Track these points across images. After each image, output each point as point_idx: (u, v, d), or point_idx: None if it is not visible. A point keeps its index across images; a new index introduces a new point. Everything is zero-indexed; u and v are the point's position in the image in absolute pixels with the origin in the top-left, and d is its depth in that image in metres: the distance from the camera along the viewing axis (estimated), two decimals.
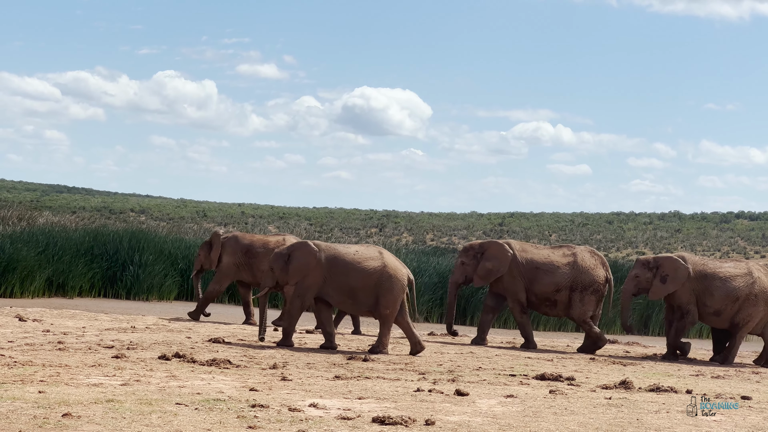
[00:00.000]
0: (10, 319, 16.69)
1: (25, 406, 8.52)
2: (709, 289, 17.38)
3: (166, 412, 8.61)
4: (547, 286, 18.03)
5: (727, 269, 17.59)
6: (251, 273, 19.45)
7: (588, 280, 18.06)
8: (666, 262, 17.67)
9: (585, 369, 14.54)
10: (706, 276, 17.47)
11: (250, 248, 19.49)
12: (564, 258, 18.20)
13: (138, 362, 12.02)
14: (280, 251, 15.64)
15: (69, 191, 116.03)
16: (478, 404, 10.18)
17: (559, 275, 18.03)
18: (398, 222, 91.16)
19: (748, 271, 17.54)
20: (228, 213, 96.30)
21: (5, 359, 11.55)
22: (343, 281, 15.20)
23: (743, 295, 17.28)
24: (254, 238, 19.84)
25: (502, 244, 18.28)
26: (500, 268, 18.03)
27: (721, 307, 17.35)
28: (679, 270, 17.45)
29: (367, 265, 15.21)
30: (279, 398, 9.76)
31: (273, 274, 15.49)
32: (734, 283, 17.36)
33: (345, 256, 15.26)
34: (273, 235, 20.45)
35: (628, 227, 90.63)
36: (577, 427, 9.11)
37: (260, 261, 19.21)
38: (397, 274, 15.27)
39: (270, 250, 19.22)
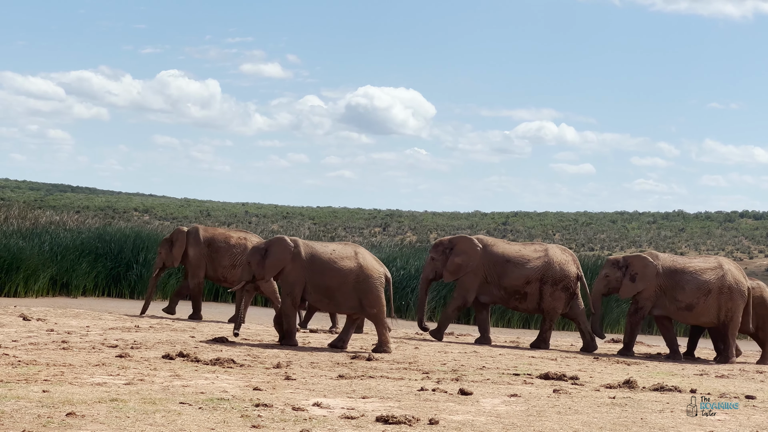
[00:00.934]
0: (14, 318, 16.71)
1: (29, 405, 8.53)
2: (679, 284, 17.43)
3: (170, 411, 8.62)
4: (517, 279, 18.06)
5: (697, 264, 17.70)
6: (212, 267, 19.40)
7: (559, 275, 18.11)
8: (635, 260, 17.76)
9: (589, 368, 14.53)
10: (676, 271, 17.52)
11: (212, 241, 19.41)
12: (535, 253, 18.27)
13: (142, 361, 12.03)
14: (257, 245, 15.74)
15: (73, 190, 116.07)
16: (482, 403, 10.18)
17: (529, 268, 18.06)
18: (402, 221, 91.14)
19: (718, 265, 17.64)
20: (231, 212, 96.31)
21: (9, 358, 11.56)
22: (320, 280, 15.24)
23: (715, 288, 17.34)
24: (216, 232, 19.76)
25: (471, 239, 18.32)
26: (470, 263, 18.06)
27: (693, 301, 17.40)
28: (647, 268, 17.51)
29: (343, 265, 15.23)
30: (283, 397, 9.77)
31: (250, 268, 15.56)
32: (705, 276, 17.43)
33: (322, 255, 15.30)
34: (235, 230, 20.39)
35: (632, 226, 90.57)
36: (581, 426, 9.10)
37: (221, 255, 19.25)
38: (374, 273, 15.30)
39: (231, 245, 19.30)
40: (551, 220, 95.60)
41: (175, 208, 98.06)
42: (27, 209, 38.53)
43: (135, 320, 17.74)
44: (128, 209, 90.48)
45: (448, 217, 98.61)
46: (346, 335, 15.47)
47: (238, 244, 19.38)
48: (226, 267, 19.32)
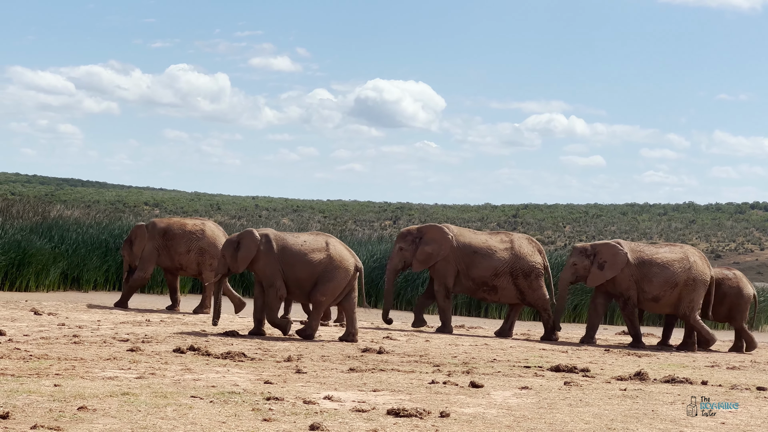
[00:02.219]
0: (26, 312, 16.74)
1: (41, 399, 8.54)
2: (647, 276, 17.49)
3: (181, 405, 8.63)
4: (485, 270, 18.06)
5: (664, 255, 17.70)
6: (169, 256, 19.32)
7: (527, 266, 18.14)
8: (603, 248, 17.74)
9: (600, 360, 14.52)
10: (644, 262, 17.56)
11: (167, 231, 19.31)
12: (502, 244, 18.26)
13: (153, 355, 12.04)
14: (231, 238, 15.79)
15: (83, 185, 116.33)
16: (493, 396, 10.17)
17: (496, 260, 18.06)
18: (412, 214, 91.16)
19: (684, 256, 17.68)
20: (242, 206, 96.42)
21: (21, 353, 11.58)
22: (291, 271, 15.31)
23: (681, 281, 17.41)
24: (171, 221, 19.67)
25: (442, 227, 18.30)
26: (440, 252, 18.03)
27: (660, 293, 17.49)
28: (617, 256, 17.51)
29: (313, 257, 15.29)
30: (294, 391, 9.77)
31: (225, 261, 15.65)
32: (672, 268, 17.48)
33: (293, 247, 15.37)
34: (191, 218, 20.28)
35: (643, 218, 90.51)
36: (592, 418, 9.09)
37: (177, 243, 19.19)
38: (343, 263, 15.34)
39: (187, 232, 19.23)
40: (561, 213, 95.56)
41: (185, 202, 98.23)
42: (37, 204, 38.59)
43: (146, 314, 17.77)
44: (138, 203, 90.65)
45: (459, 210, 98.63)
46: (352, 327, 15.47)
47: (194, 230, 19.29)
48: (182, 253, 19.21)
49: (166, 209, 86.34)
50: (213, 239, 19.25)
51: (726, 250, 72.19)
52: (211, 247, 19.17)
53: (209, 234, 19.31)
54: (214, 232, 19.43)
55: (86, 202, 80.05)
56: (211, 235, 19.31)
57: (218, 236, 19.34)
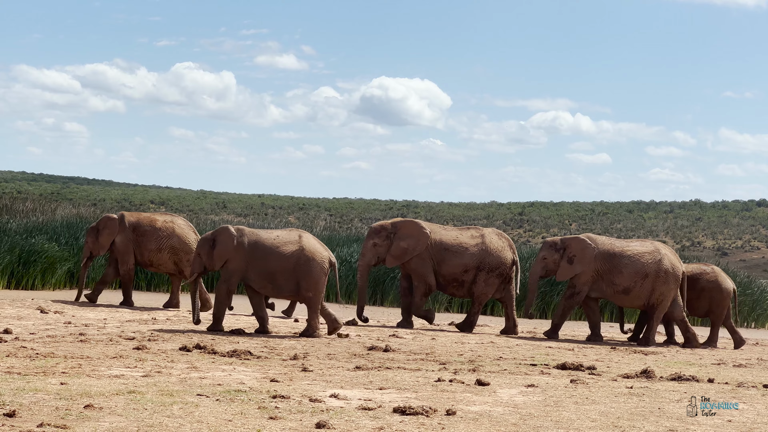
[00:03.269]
0: (32, 311, 16.76)
1: (48, 397, 8.55)
2: (617, 267, 17.48)
3: (188, 403, 8.63)
4: (456, 267, 18.07)
5: (634, 247, 17.73)
6: (139, 251, 19.26)
7: (495, 261, 18.14)
8: (573, 242, 17.76)
9: (606, 358, 14.51)
10: (614, 255, 17.56)
11: (137, 226, 19.27)
12: (472, 239, 18.24)
13: (159, 354, 12.05)
14: (205, 236, 15.80)
15: (89, 183, 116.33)
16: (499, 394, 10.17)
17: (467, 256, 18.07)
18: (418, 212, 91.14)
19: (655, 249, 17.71)
20: (248, 204, 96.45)
21: (27, 351, 11.59)
22: (263, 266, 15.34)
23: (652, 272, 17.40)
24: (141, 217, 19.58)
25: (418, 222, 18.28)
26: (417, 247, 17.97)
27: (630, 285, 17.47)
28: (586, 250, 17.53)
29: (285, 250, 15.32)
30: (300, 389, 9.77)
31: (201, 260, 15.68)
32: (642, 260, 17.48)
33: (265, 241, 15.40)
34: (161, 213, 20.18)
35: (649, 216, 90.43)
36: (599, 416, 9.09)
37: (147, 240, 19.15)
38: (316, 257, 15.37)
39: (157, 229, 19.18)
40: (567, 210, 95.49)
41: (191, 200, 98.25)
42: (44, 202, 38.61)
43: (152, 313, 17.78)
44: (144, 201, 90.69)
45: (465, 208, 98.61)
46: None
47: (164, 227, 19.24)
48: (152, 251, 19.17)
49: (172, 207, 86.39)
50: (183, 237, 19.27)
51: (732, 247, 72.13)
52: (182, 245, 19.18)
53: (179, 232, 19.29)
54: (184, 229, 19.43)
55: (92, 200, 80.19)
56: (181, 233, 19.31)
57: (188, 233, 19.38)
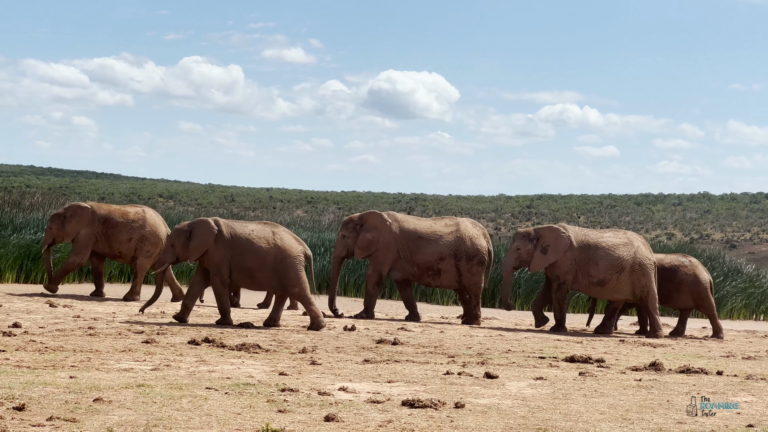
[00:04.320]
0: (41, 305, 16.78)
1: (57, 391, 8.57)
2: (593, 259, 17.51)
3: (197, 396, 8.65)
4: (430, 255, 18.16)
5: (609, 239, 17.75)
6: (108, 244, 19.18)
7: (472, 249, 18.24)
8: (546, 232, 17.77)
9: (614, 351, 14.50)
10: (589, 246, 17.59)
11: (108, 219, 19.18)
12: (446, 228, 18.38)
13: (168, 347, 12.07)
14: (181, 228, 15.78)
15: (97, 177, 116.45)
16: (508, 387, 10.17)
17: (441, 244, 18.18)
18: (426, 205, 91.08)
19: (628, 241, 17.76)
20: (256, 197, 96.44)
21: (36, 345, 11.61)
22: (239, 260, 15.37)
23: (628, 265, 17.43)
24: (111, 208, 19.53)
25: (381, 214, 18.40)
26: (380, 238, 18.12)
27: (606, 277, 17.50)
28: (560, 240, 17.53)
29: (261, 246, 15.35)
30: (308, 382, 9.78)
31: (173, 250, 15.69)
32: (618, 252, 17.50)
33: (241, 236, 15.42)
34: (131, 205, 20.16)
35: (657, 209, 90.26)
36: (607, 409, 9.09)
37: (119, 232, 19.09)
38: (292, 251, 15.41)
39: (128, 220, 19.13)
40: (576, 203, 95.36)
41: (199, 193, 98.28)
42: (52, 196, 38.65)
43: (161, 306, 17.79)
44: (153, 195, 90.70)
45: (473, 201, 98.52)
46: (277, 314, 15.64)
47: (136, 219, 19.21)
48: (123, 242, 19.10)
49: (180, 201, 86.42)
50: (154, 227, 19.26)
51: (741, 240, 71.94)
52: (151, 235, 19.18)
53: (150, 222, 19.29)
54: (155, 219, 19.44)
55: (101, 194, 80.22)
56: (152, 223, 19.30)
57: (158, 224, 19.40)
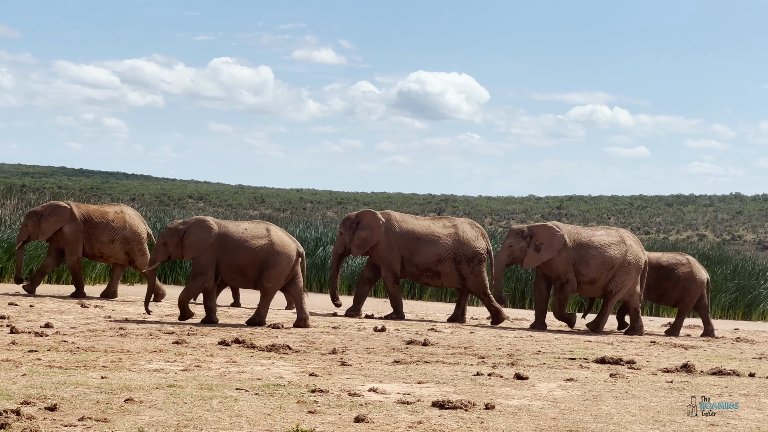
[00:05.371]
0: (73, 305, 16.86)
1: (88, 391, 8.60)
2: (585, 258, 17.49)
3: (227, 397, 8.66)
4: (429, 256, 18.19)
5: (601, 237, 17.71)
6: (89, 244, 19.05)
7: (470, 251, 18.25)
8: (540, 230, 17.74)
9: (646, 352, 14.44)
10: (582, 245, 17.56)
11: (88, 219, 19.06)
12: (445, 229, 18.40)
13: (198, 348, 12.10)
14: (174, 227, 15.75)
15: (128, 178, 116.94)
16: (538, 388, 10.14)
17: (440, 246, 18.20)
18: (456, 206, 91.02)
19: (621, 239, 17.71)
20: (286, 198, 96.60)
21: (68, 345, 11.66)
22: (232, 258, 15.39)
23: (618, 264, 17.42)
24: (90, 209, 19.40)
25: (374, 212, 18.48)
26: (374, 237, 18.17)
27: (597, 276, 17.51)
28: (554, 238, 17.49)
29: (254, 243, 15.39)
30: (339, 383, 9.78)
31: (166, 249, 15.66)
32: (609, 251, 17.49)
33: (234, 234, 15.44)
34: (109, 205, 20.10)
35: (688, 209, 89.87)
36: (638, 410, 9.05)
37: (99, 232, 18.99)
38: (285, 249, 15.44)
39: (108, 220, 19.04)
40: (606, 204, 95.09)
41: (229, 194, 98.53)
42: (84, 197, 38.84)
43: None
44: (183, 196, 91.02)
45: (503, 202, 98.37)
46: (303, 312, 15.60)
47: (116, 219, 19.16)
48: (104, 243, 19.02)
49: (210, 202, 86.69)
50: (134, 227, 19.23)
51: None
52: (134, 235, 19.14)
53: (130, 222, 19.24)
54: (134, 219, 19.40)
55: (131, 195, 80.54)
56: (132, 222, 19.26)
57: (138, 223, 19.37)
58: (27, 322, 14.00)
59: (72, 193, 43.57)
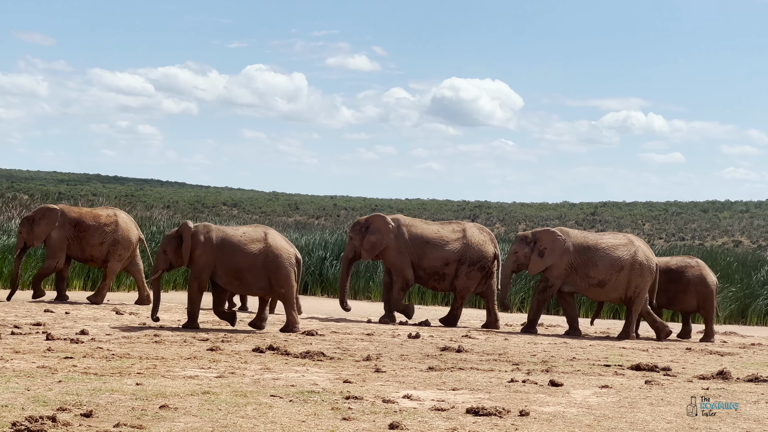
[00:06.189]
0: (108, 312, 16.95)
1: (124, 398, 8.64)
2: (592, 260, 17.38)
3: (261, 404, 8.67)
4: (437, 260, 18.24)
5: (608, 240, 17.63)
6: (80, 247, 19.02)
7: (476, 255, 18.27)
8: (543, 235, 17.71)
9: (681, 359, 14.36)
10: (588, 248, 17.46)
11: (79, 222, 19.03)
12: (453, 233, 18.41)
13: (233, 355, 12.12)
14: (171, 234, 15.76)
15: (162, 185, 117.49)
16: (573, 395, 10.10)
17: (448, 250, 18.20)
18: (491, 212, 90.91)
19: (629, 241, 17.62)
20: (320, 205, 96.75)
21: (103, 352, 11.72)
22: (230, 263, 15.35)
23: (627, 265, 17.29)
24: (82, 212, 19.40)
25: (384, 216, 18.53)
26: (383, 241, 18.23)
27: (606, 277, 17.37)
28: (556, 242, 17.44)
29: (252, 247, 15.35)
30: (373, 390, 9.78)
31: (166, 257, 15.65)
32: (617, 252, 17.37)
33: (232, 238, 15.42)
34: (102, 208, 20.10)
35: (724, 216, 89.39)
36: (674, 417, 9.00)
37: (91, 235, 18.98)
38: (282, 253, 15.43)
39: (100, 224, 19.02)
40: (640, 210, 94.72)
41: (263, 201, 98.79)
42: (118, 204, 39.03)
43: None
44: (217, 203, 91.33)
45: (537, 208, 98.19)
46: (262, 314, 15.66)
47: (108, 222, 19.14)
48: (95, 245, 18.99)
49: (244, 209, 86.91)
50: (126, 231, 19.23)
51: None
52: (124, 239, 19.14)
53: (122, 225, 19.24)
54: (127, 223, 19.40)
55: (165, 202, 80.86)
56: (124, 226, 19.26)
57: (130, 228, 19.37)
58: (62, 329, 14.09)
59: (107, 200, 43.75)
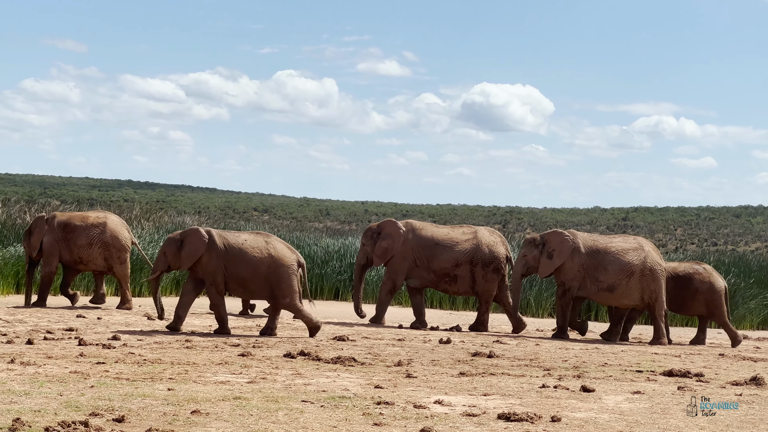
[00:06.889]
0: (139, 317, 17.01)
1: (155, 403, 8.67)
2: (602, 264, 17.30)
3: (293, 409, 8.68)
4: (446, 261, 18.25)
5: (618, 244, 17.55)
6: (69, 250, 18.96)
7: (488, 256, 18.26)
8: (551, 237, 17.70)
9: (714, 365, 14.28)
10: (598, 251, 17.39)
11: (67, 224, 19.00)
12: (464, 235, 18.45)
13: (264, 360, 12.14)
14: (173, 236, 15.76)
15: (193, 191, 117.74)
16: (605, 400, 10.06)
17: (457, 251, 18.24)
18: (521, 218, 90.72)
19: (639, 246, 17.54)
20: (351, 211, 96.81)
21: (135, 357, 11.76)
22: (233, 270, 15.35)
23: (638, 270, 17.21)
24: (72, 215, 19.37)
25: (396, 222, 18.61)
26: (394, 246, 18.30)
27: (615, 282, 17.27)
28: (564, 243, 17.41)
29: (254, 255, 15.33)
30: (404, 395, 9.77)
31: (165, 258, 15.65)
32: (627, 257, 17.31)
33: (234, 245, 15.40)
34: (93, 211, 20.05)
35: (757, 221, 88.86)
36: (707, 424, 8.95)
37: (78, 236, 18.91)
38: (285, 260, 15.39)
39: (89, 225, 18.98)
40: (672, 215, 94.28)
41: (294, 207, 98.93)
42: (149, 210, 39.19)
43: (256, 320, 17.92)
44: (248, 209, 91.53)
45: (568, 213, 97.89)
46: (273, 323, 15.63)
47: (96, 223, 19.07)
48: (83, 246, 18.92)
49: (275, 215, 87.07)
50: (115, 233, 19.13)
51: None
52: (114, 240, 19.05)
53: (111, 227, 19.15)
54: (117, 225, 19.31)
55: (196, 207, 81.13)
56: (113, 228, 19.17)
57: (120, 230, 19.28)
58: (95, 335, 14.16)
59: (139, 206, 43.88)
